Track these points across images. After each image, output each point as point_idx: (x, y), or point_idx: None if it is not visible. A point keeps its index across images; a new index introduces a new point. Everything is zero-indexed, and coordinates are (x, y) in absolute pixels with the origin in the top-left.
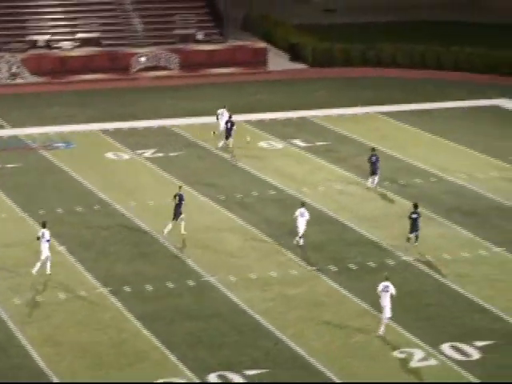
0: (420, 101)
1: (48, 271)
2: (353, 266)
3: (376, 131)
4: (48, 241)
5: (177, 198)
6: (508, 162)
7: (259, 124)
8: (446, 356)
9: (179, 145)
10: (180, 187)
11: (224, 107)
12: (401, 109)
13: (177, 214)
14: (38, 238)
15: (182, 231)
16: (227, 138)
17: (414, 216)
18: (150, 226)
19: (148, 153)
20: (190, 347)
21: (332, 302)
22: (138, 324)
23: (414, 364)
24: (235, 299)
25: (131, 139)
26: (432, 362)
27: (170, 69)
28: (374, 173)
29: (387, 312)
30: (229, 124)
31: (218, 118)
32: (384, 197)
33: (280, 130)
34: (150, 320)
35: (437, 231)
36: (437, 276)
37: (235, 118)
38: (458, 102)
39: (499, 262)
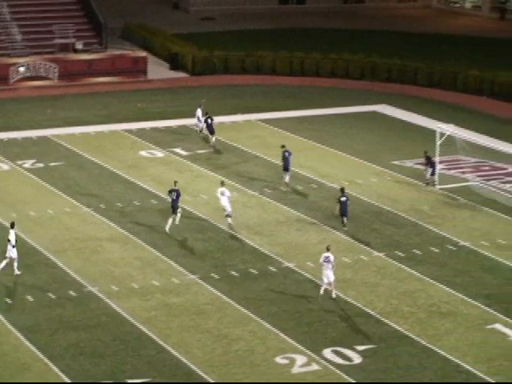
0: (300, 108)
1: (16, 272)
2: (235, 274)
3: (257, 138)
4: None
5: (173, 193)
6: (387, 167)
7: (140, 133)
8: (327, 361)
9: (59, 155)
10: (175, 182)
11: (199, 106)
12: (281, 116)
13: (175, 207)
14: (9, 240)
15: (177, 222)
16: (211, 133)
17: (343, 199)
18: (31, 237)
19: (28, 163)
20: (72, 358)
21: (214, 310)
22: (20, 335)
23: (296, 370)
24: (117, 309)
25: (11, 150)
26: (314, 367)
27: (49, 78)
28: (286, 169)
29: (331, 277)
30: (209, 120)
31: (198, 119)
32: (265, 204)
33: (161, 138)
34: (31, 331)
35: (318, 237)
36: (318, 282)
37: (115, 126)
38: (337, 108)
39: (379, 267)
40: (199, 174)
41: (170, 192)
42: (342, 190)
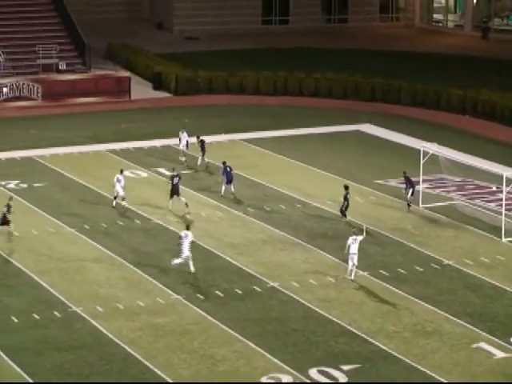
0: (283, 127)
1: (192, 270)
2: (219, 293)
3: (240, 158)
4: (192, 241)
5: (175, 178)
6: (370, 187)
7: (124, 153)
8: (313, 380)
9: (43, 175)
10: (173, 169)
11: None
12: (264, 135)
13: (177, 191)
14: (180, 238)
15: (187, 209)
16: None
17: (348, 196)
18: (15, 258)
19: (12, 184)
20: (58, 379)
21: (199, 330)
22: (5, 357)
23: None
24: (103, 329)
25: None
26: None
27: (32, 99)
28: (230, 181)
29: (355, 259)
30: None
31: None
32: (249, 223)
33: (145, 158)
34: (16, 352)
35: (302, 256)
36: (303, 301)
37: (99, 147)
38: (321, 127)
39: (363, 286)
40: (183, 194)
41: (173, 177)
42: (346, 187)
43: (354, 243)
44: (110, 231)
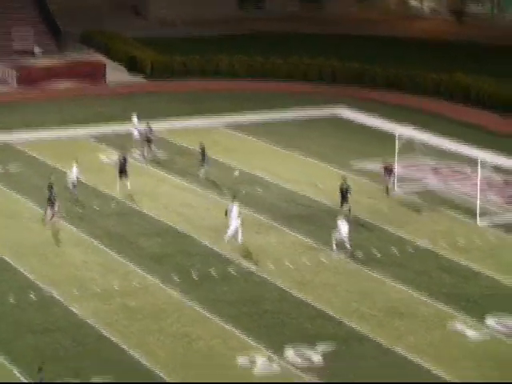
0: (259, 112)
1: (240, 241)
2: (195, 276)
3: (216, 142)
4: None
5: (122, 159)
6: (347, 170)
7: (99, 137)
8: (288, 362)
9: (19, 160)
10: (121, 149)
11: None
12: (241, 120)
13: (124, 172)
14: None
15: (129, 187)
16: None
17: (345, 186)
18: None
19: None
20: (32, 361)
21: (174, 311)
22: None
23: (256, 370)
24: (78, 312)
25: None
26: (275, 367)
27: (7, 84)
28: (205, 163)
29: (347, 240)
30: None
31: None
32: (225, 207)
33: (120, 143)
34: None
35: (277, 239)
36: (278, 283)
37: (75, 132)
38: (297, 112)
39: (339, 269)
40: (159, 177)
41: (119, 158)
42: (344, 180)
43: (342, 224)
44: (85, 214)
